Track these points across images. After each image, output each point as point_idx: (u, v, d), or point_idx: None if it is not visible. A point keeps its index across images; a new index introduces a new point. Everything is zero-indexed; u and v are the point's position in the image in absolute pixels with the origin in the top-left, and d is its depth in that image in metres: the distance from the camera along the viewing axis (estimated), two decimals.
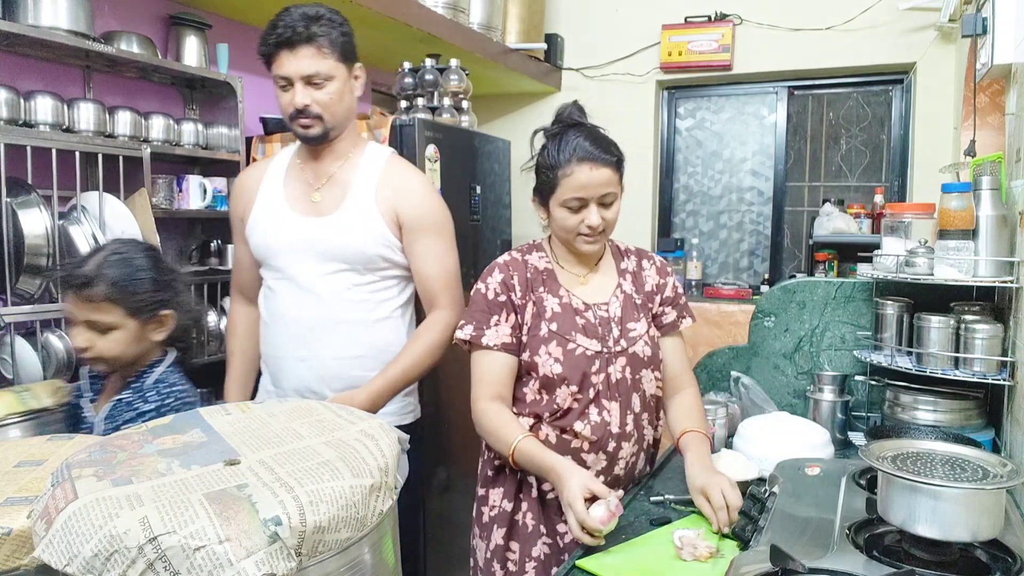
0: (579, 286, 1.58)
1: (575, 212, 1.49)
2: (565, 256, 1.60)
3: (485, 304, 1.54)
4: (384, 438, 0.74)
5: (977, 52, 2.10)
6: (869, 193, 3.78)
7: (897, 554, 1.10)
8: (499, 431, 1.46)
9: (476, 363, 1.54)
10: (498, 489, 1.58)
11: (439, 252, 1.78)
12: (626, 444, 1.53)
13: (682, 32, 3.78)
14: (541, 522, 1.53)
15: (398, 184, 1.75)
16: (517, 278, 1.55)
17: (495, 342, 1.51)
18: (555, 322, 1.52)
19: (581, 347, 1.51)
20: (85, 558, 0.56)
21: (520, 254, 1.61)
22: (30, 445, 1.11)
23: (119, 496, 0.60)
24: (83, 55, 2.08)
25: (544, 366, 1.50)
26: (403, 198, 1.74)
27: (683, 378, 1.64)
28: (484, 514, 1.60)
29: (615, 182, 1.49)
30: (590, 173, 1.45)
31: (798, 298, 2.10)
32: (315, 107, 1.65)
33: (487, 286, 1.55)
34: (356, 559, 0.65)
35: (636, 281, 1.63)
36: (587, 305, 1.55)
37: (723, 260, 4.16)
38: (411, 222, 1.74)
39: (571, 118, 1.53)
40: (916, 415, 1.80)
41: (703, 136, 4.14)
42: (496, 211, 3.10)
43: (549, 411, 1.51)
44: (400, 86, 2.86)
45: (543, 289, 1.55)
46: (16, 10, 1.90)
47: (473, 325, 1.53)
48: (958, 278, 1.69)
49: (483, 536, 1.60)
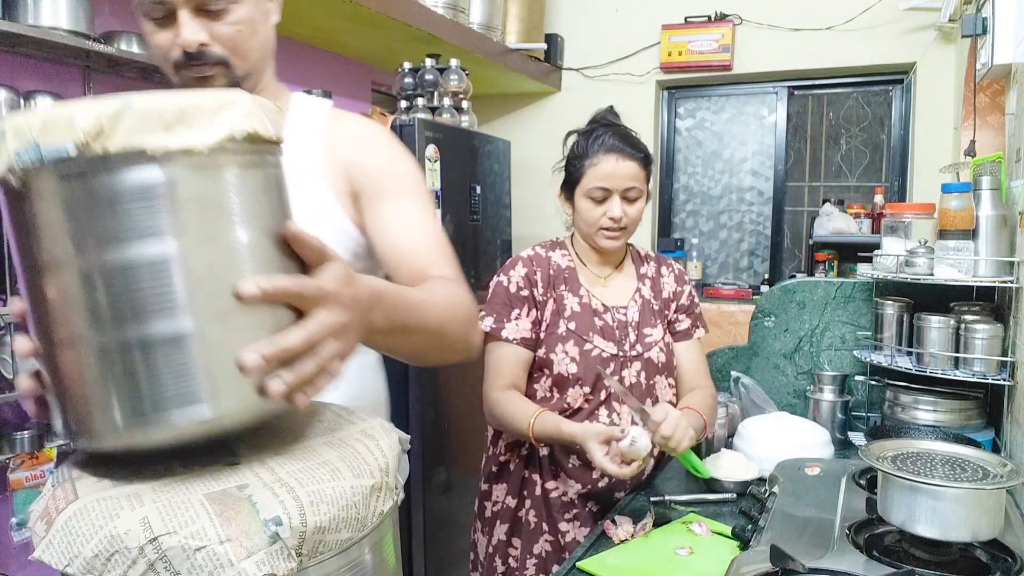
0: (599, 287, 1.59)
1: (599, 204, 1.52)
2: (587, 255, 1.61)
3: (506, 297, 1.54)
4: (385, 438, 0.74)
5: (977, 52, 2.10)
6: (869, 193, 3.78)
7: (897, 554, 1.10)
8: (515, 412, 1.47)
9: (492, 354, 1.55)
10: (502, 485, 1.60)
11: (421, 217, 1.14)
12: None
13: (682, 32, 3.78)
14: (544, 519, 1.54)
15: (353, 137, 1.15)
16: (540, 274, 1.55)
17: (515, 336, 1.52)
18: (574, 321, 1.53)
19: (597, 348, 1.52)
20: (86, 558, 0.56)
21: (544, 250, 1.61)
22: None
23: (119, 496, 0.60)
24: (83, 55, 2.08)
25: (559, 364, 1.51)
26: (359, 153, 1.14)
27: (700, 381, 1.64)
28: (487, 509, 1.61)
29: (640, 179, 1.53)
30: (616, 164, 1.50)
31: (798, 298, 2.10)
32: (215, 46, 1.04)
33: (509, 279, 1.56)
34: (356, 559, 0.65)
35: (655, 287, 1.64)
36: (606, 307, 1.56)
37: (723, 260, 4.16)
38: (375, 182, 1.13)
39: (605, 119, 1.58)
40: (916, 415, 1.80)
41: (703, 136, 4.14)
42: (496, 211, 3.11)
43: (559, 409, 1.51)
44: (400, 86, 2.86)
45: (564, 287, 1.56)
46: (16, 10, 1.90)
47: (494, 317, 1.53)
48: (958, 278, 1.69)
49: (485, 531, 1.61)
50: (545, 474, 1.55)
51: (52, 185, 0.58)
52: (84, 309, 0.59)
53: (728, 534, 1.32)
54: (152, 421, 0.60)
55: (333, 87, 2.95)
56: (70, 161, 0.57)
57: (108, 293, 0.59)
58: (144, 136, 0.58)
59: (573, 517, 1.54)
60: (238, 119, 0.62)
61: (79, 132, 0.56)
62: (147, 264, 0.59)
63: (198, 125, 0.60)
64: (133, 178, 0.58)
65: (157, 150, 0.58)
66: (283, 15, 1.14)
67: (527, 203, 3.83)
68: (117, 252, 0.59)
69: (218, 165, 0.62)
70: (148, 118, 0.58)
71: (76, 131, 0.56)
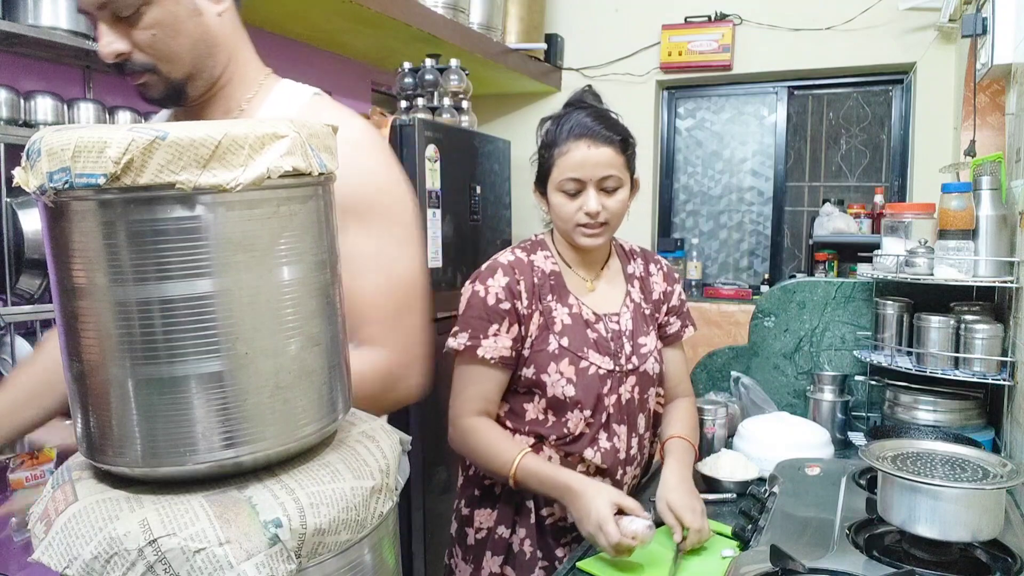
0: (588, 293, 1.43)
1: (572, 197, 1.35)
2: (570, 256, 1.45)
3: (484, 309, 1.35)
4: (385, 439, 0.74)
5: (977, 52, 2.10)
6: (869, 193, 3.78)
7: (897, 554, 1.10)
8: (492, 448, 1.33)
9: (463, 375, 1.38)
10: (485, 510, 1.45)
11: (367, 255, 0.98)
12: (630, 468, 1.45)
13: (682, 32, 3.78)
14: (538, 547, 1.41)
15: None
16: (524, 284, 1.37)
17: (493, 355, 1.34)
18: (565, 336, 1.36)
19: (594, 365, 1.36)
20: (85, 560, 0.56)
21: (525, 254, 1.42)
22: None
23: (119, 498, 0.60)
24: (83, 55, 2.08)
25: (554, 387, 1.34)
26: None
27: (682, 388, 1.59)
28: (468, 535, 1.46)
29: (618, 165, 1.34)
30: (587, 151, 1.31)
31: (798, 298, 2.10)
32: (137, 54, 0.97)
33: (487, 289, 1.36)
34: (356, 560, 0.65)
35: (644, 288, 1.51)
36: (598, 316, 1.41)
37: (723, 260, 4.16)
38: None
39: (580, 101, 1.41)
40: (916, 415, 1.80)
41: (703, 136, 4.14)
42: (496, 211, 3.10)
43: (556, 434, 1.37)
44: (400, 86, 2.86)
45: (551, 297, 1.39)
46: (16, 10, 1.90)
47: (468, 333, 1.35)
48: (958, 278, 1.69)
49: (468, 559, 1.46)
50: (539, 499, 1.40)
51: (83, 209, 0.58)
52: (114, 338, 0.59)
53: (728, 534, 1.32)
54: (176, 455, 0.60)
55: (333, 87, 2.94)
56: (101, 189, 0.56)
57: (138, 325, 0.58)
58: (176, 172, 0.56)
59: (570, 541, 1.42)
60: (277, 157, 0.60)
61: (109, 163, 0.55)
62: (181, 300, 0.58)
63: (234, 162, 0.58)
64: (163, 213, 0.57)
65: (188, 186, 0.57)
66: (283, 15, 1.13)
67: (527, 203, 3.80)
68: (145, 285, 0.58)
69: (252, 202, 0.60)
70: (182, 152, 0.56)
71: (106, 161, 0.55)
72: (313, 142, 0.64)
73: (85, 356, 0.60)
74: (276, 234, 0.62)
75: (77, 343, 0.60)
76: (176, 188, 0.57)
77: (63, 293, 0.61)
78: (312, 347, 0.64)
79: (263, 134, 0.60)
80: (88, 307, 0.59)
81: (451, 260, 2.68)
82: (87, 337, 0.59)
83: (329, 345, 0.67)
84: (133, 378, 0.59)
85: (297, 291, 0.63)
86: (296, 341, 0.63)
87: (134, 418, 0.59)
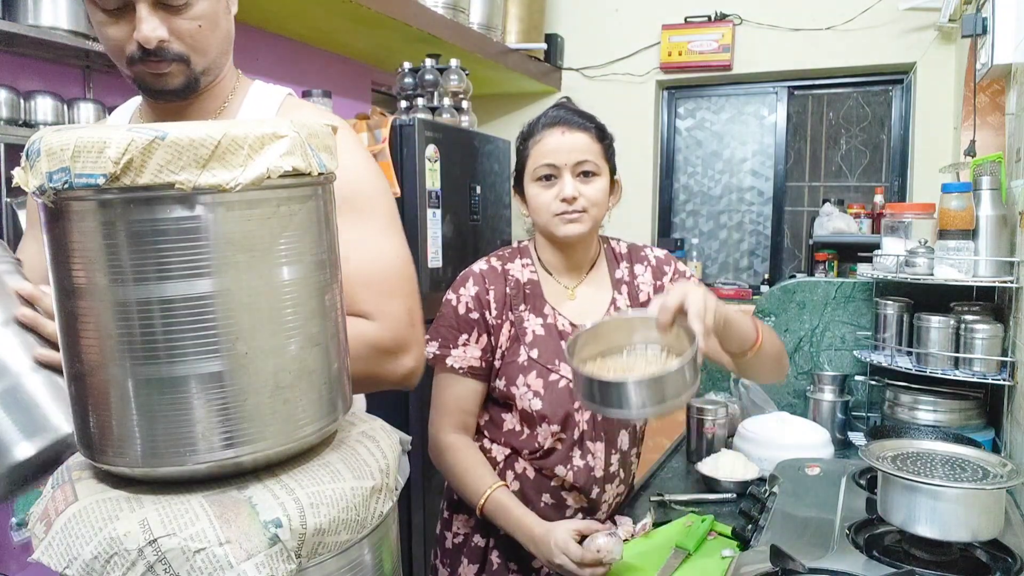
0: (567, 302, 1.38)
1: (548, 186, 1.32)
2: (552, 262, 1.40)
3: (454, 319, 1.34)
4: (385, 439, 0.74)
5: (977, 52, 2.10)
6: (869, 193, 3.78)
7: (897, 554, 1.10)
8: (466, 475, 1.31)
9: (439, 386, 1.37)
10: (463, 516, 1.42)
11: (357, 238, 1.01)
12: (610, 486, 1.38)
13: (682, 32, 3.78)
14: (513, 559, 1.37)
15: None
16: (493, 293, 1.34)
17: (461, 364, 1.33)
18: (536, 348, 1.32)
19: (564, 379, 1.31)
20: (85, 560, 0.56)
21: (501, 262, 1.39)
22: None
23: (119, 498, 0.60)
24: (83, 55, 2.08)
25: (522, 400, 1.31)
26: None
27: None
28: (447, 539, 1.44)
29: (594, 152, 1.32)
30: (561, 137, 1.31)
31: (798, 298, 2.10)
32: (175, 43, 0.96)
33: (458, 298, 1.35)
34: (356, 560, 0.65)
35: (631, 293, 1.42)
36: (574, 327, 1.34)
37: (723, 260, 4.16)
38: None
39: (558, 104, 1.41)
40: (916, 415, 1.80)
41: (703, 136, 4.14)
42: (496, 211, 3.10)
43: (529, 448, 1.35)
44: (400, 86, 2.85)
45: (524, 307, 1.35)
46: (16, 10, 1.90)
47: (439, 342, 1.34)
48: (958, 278, 1.69)
49: (446, 563, 1.44)
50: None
51: (83, 209, 0.58)
52: (114, 338, 0.59)
53: (728, 534, 1.32)
54: (176, 455, 0.60)
55: (333, 87, 2.94)
56: (100, 189, 0.56)
57: (138, 325, 0.58)
58: (175, 172, 0.57)
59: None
60: (276, 157, 0.61)
61: (109, 163, 0.55)
62: (180, 300, 0.58)
63: (234, 162, 0.58)
64: (162, 213, 0.57)
65: (187, 186, 0.57)
66: (283, 15, 1.14)
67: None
68: (145, 285, 0.58)
69: (252, 202, 0.60)
70: (181, 152, 0.57)
71: (106, 162, 0.55)
72: (312, 142, 0.64)
73: (85, 356, 0.60)
74: (276, 234, 0.62)
75: (77, 343, 0.60)
76: (176, 188, 0.57)
77: (63, 293, 0.61)
78: (312, 347, 0.64)
79: (263, 134, 0.60)
80: (88, 307, 0.59)
81: (451, 260, 2.68)
82: (87, 337, 0.60)
83: (329, 345, 0.67)
84: (133, 378, 0.59)
85: (297, 291, 0.63)
86: (296, 341, 0.63)
87: (134, 418, 0.59)
